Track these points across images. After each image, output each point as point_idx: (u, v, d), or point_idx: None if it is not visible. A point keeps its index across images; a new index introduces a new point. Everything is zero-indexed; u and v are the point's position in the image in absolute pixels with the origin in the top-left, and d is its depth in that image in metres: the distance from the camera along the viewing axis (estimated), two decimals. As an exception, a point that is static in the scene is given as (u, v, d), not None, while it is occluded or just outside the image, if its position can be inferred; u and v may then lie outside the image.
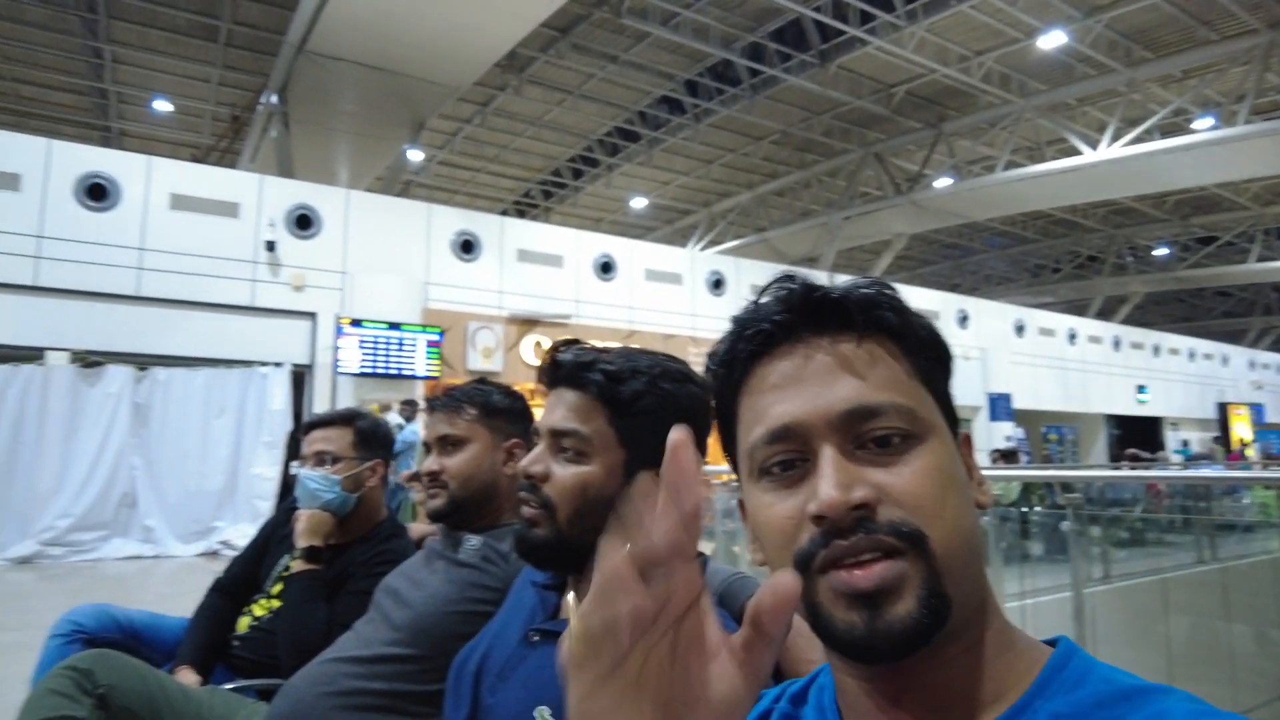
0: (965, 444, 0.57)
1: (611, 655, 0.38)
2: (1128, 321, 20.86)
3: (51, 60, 11.91)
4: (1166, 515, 6.36)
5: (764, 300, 0.58)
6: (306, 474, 1.84)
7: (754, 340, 0.56)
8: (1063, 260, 21.30)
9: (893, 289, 0.58)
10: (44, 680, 1.27)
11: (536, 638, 1.01)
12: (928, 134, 13.78)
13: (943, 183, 14.07)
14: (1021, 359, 15.91)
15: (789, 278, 0.57)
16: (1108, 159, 11.97)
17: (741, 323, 0.58)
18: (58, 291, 8.04)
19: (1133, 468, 9.59)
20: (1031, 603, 3.99)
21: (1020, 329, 16.23)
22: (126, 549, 7.86)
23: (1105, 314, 21.24)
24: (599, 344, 1.08)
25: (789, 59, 11.77)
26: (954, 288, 21.64)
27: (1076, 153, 12.37)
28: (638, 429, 0.98)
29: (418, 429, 7.07)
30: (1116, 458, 16.70)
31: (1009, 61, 11.86)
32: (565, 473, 0.99)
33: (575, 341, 1.07)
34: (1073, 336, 17.30)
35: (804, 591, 0.50)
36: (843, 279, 0.58)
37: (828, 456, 0.51)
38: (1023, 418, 15.83)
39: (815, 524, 0.50)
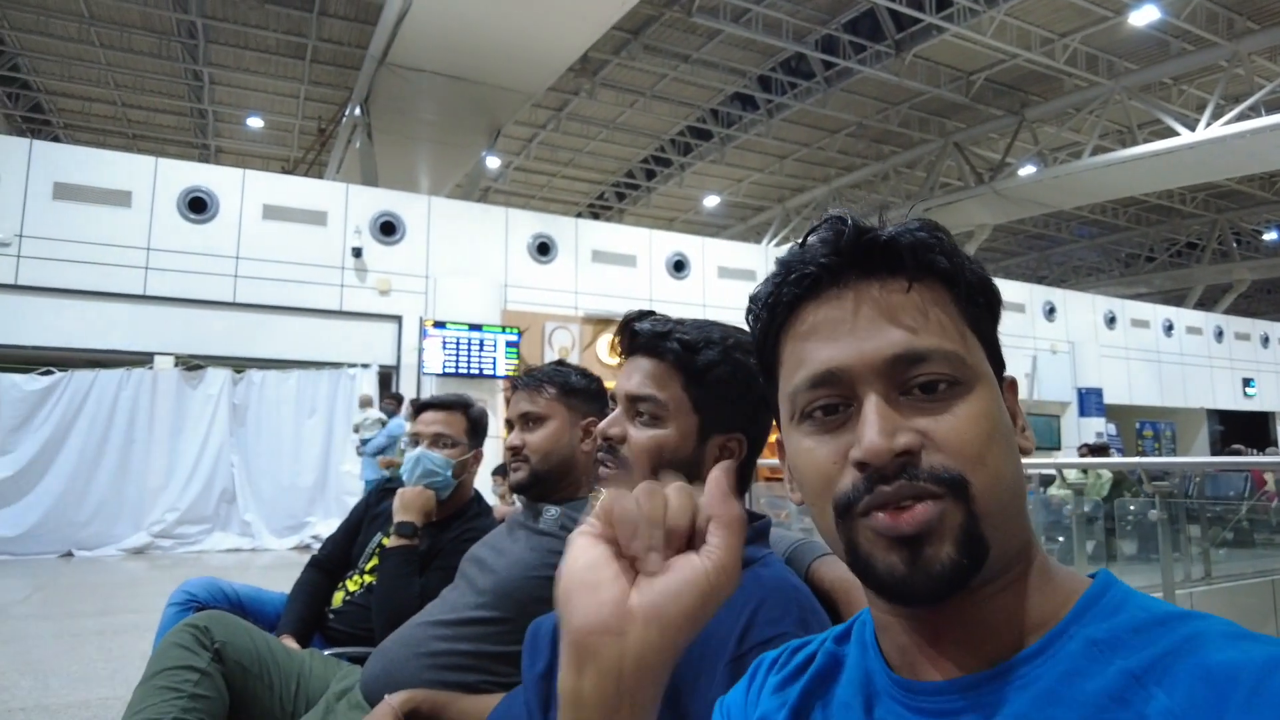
0: (1011, 389, 0.57)
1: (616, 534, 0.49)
2: (1232, 311, 19.70)
3: (157, 85, 12.68)
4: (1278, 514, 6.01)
5: (812, 240, 0.58)
6: (426, 453, 1.93)
7: (799, 284, 0.56)
8: (1158, 248, 20.23)
9: (944, 231, 0.56)
10: (169, 635, 1.39)
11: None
12: (1010, 121, 13.33)
13: (1026, 171, 13.58)
14: (1113, 352, 15.23)
15: (839, 218, 0.57)
16: (1208, 139, 11.33)
17: (787, 265, 0.58)
18: (164, 300, 8.55)
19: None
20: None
21: (1111, 321, 15.53)
22: (227, 541, 8.31)
23: (1206, 304, 20.10)
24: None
25: (863, 50, 11.58)
26: (1040, 280, 20.84)
27: (1173, 134, 11.75)
28: (711, 396, 1.02)
29: (403, 423, 7.11)
30: (1219, 454, 15.81)
31: (1097, 41, 11.37)
32: (641, 435, 1.02)
33: (650, 312, 1.10)
34: (1169, 328, 16.45)
35: (844, 533, 0.52)
36: (893, 218, 0.57)
37: (872, 402, 0.51)
38: (1114, 413, 15.14)
39: (858, 469, 0.50)
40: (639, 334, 1.06)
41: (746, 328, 0.65)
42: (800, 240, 0.59)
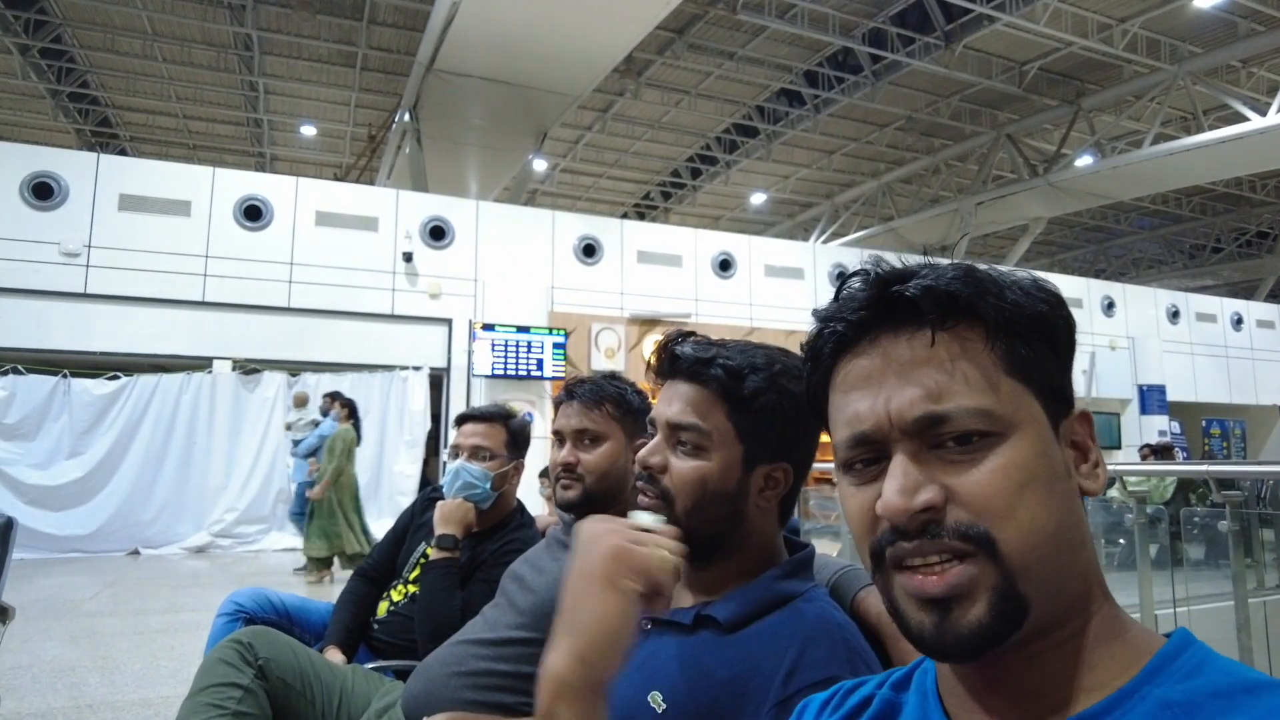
0: (1083, 422, 0.55)
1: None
2: (1307, 303, 18.86)
3: (215, 96, 13.08)
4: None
5: (847, 291, 0.57)
6: (465, 466, 1.95)
7: (831, 339, 0.57)
8: (1225, 239, 19.43)
9: (978, 275, 0.54)
10: (214, 651, 1.42)
11: (649, 626, 1.03)
12: (1065, 111, 12.94)
13: (1083, 162, 13.16)
14: (1177, 347, 14.68)
15: (870, 270, 0.57)
16: (1279, 124, 10.85)
17: (823, 319, 0.58)
18: (222, 306, 8.80)
19: (1314, 465, 8.65)
20: (1186, 610, 3.69)
21: (1174, 315, 14.98)
22: (283, 541, 8.52)
23: (1278, 296, 19.28)
24: (712, 338, 1.07)
25: (912, 42, 11.36)
26: (1098, 273, 20.24)
27: (1242, 119, 11.27)
28: (756, 424, 0.98)
29: (334, 424, 6.83)
30: (1294, 454, 15.14)
31: (1158, 25, 10.97)
32: (684, 466, 0.98)
33: (690, 333, 1.06)
34: (1238, 321, 15.79)
35: (881, 581, 0.52)
36: (943, 262, 0.56)
37: (898, 461, 0.51)
38: (1178, 410, 14.59)
39: (883, 521, 0.52)
40: (680, 358, 1.02)
41: (792, 348, 0.66)
42: (837, 290, 0.59)
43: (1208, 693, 0.45)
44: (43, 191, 8.26)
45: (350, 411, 6.96)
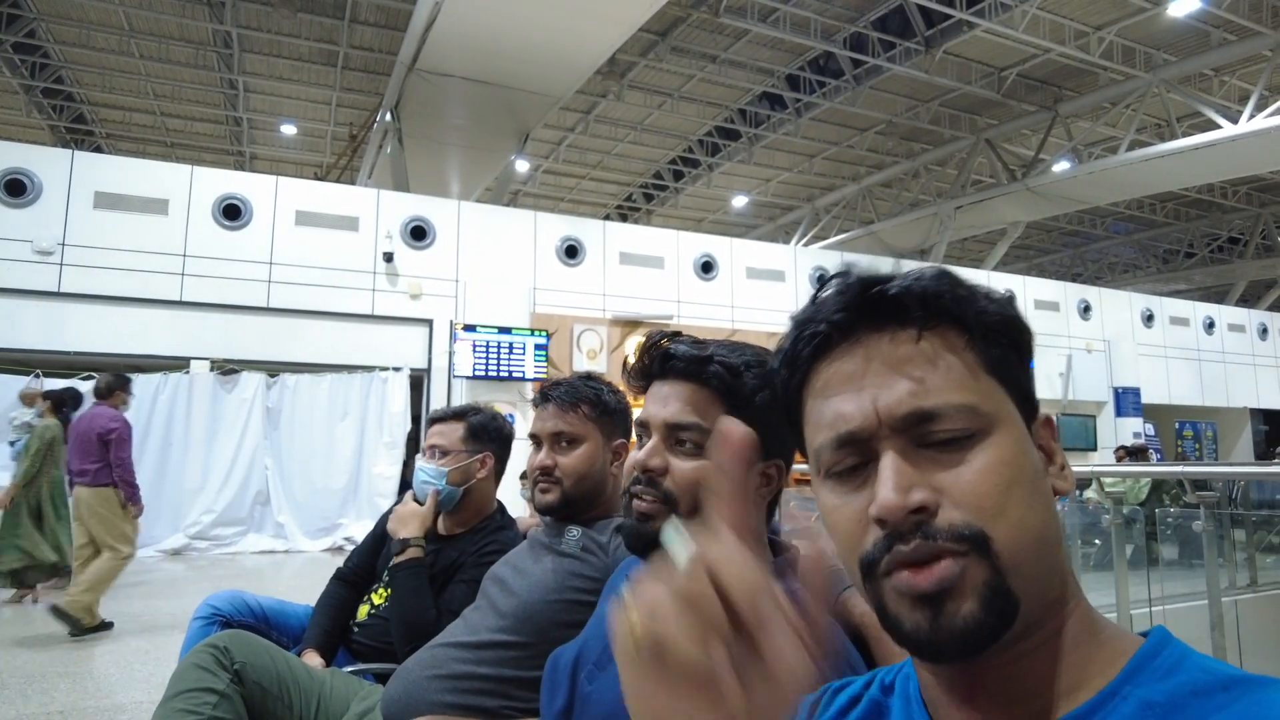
0: (1046, 426, 0.56)
1: (680, 666, 0.35)
2: (1276, 308, 19.18)
3: (194, 94, 12.94)
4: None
5: (824, 295, 0.57)
6: (420, 466, 1.94)
7: (811, 342, 0.56)
8: (1198, 244, 19.73)
9: (954, 277, 0.55)
10: (189, 655, 1.40)
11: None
12: (1043, 117, 13.09)
13: (1061, 167, 13.32)
14: (1151, 350, 14.89)
15: (847, 273, 0.56)
16: (1251, 131, 11.02)
17: (800, 323, 0.57)
18: (199, 306, 8.70)
19: (1284, 466, 8.80)
20: (1161, 609, 3.74)
21: (1149, 318, 15.19)
22: (261, 543, 8.44)
23: (1249, 300, 19.59)
24: (697, 337, 1.06)
25: (893, 47, 11.45)
26: (1075, 277, 20.45)
27: (1214, 126, 11.45)
28: (755, 423, 0.97)
29: (49, 422, 5.80)
30: (1264, 456, 15.37)
31: (1133, 34, 11.12)
32: (687, 466, 0.97)
33: (676, 333, 1.05)
34: (1210, 325, 16.03)
35: (872, 593, 0.51)
36: (910, 265, 0.56)
37: (889, 460, 0.50)
38: (1153, 413, 14.80)
39: (878, 526, 0.50)
40: (675, 356, 1.00)
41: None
42: (813, 295, 0.58)
43: (1187, 691, 0.46)
44: (15, 188, 8.13)
45: (58, 407, 5.86)
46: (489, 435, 2.03)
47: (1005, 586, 0.48)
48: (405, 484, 8.89)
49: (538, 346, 9.89)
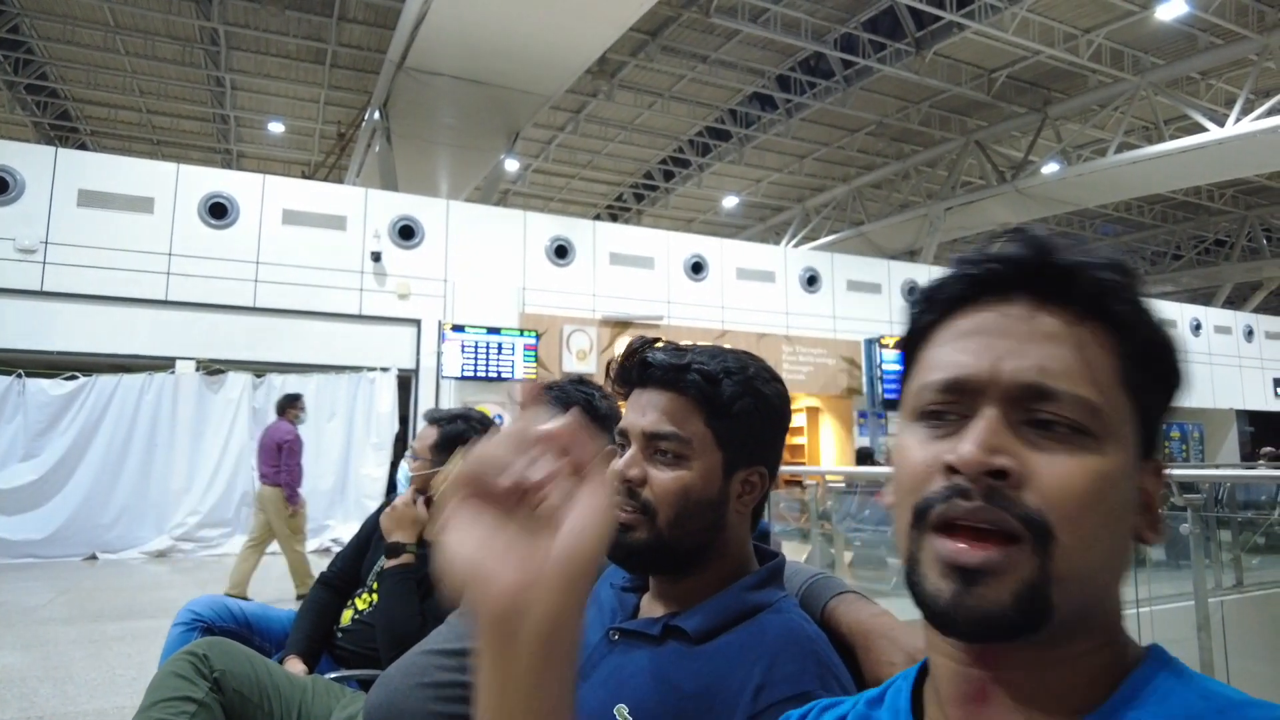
0: (1156, 475, 0.52)
1: (479, 486, 0.48)
2: (1262, 310, 19.33)
3: (180, 91, 12.84)
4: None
5: (996, 249, 0.53)
6: (403, 465, 1.92)
7: (963, 282, 0.53)
8: (1185, 246, 19.89)
9: (1136, 278, 0.52)
10: (167, 664, 1.37)
11: (616, 637, 1.01)
12: (1032, 119, 13.16)
13: (1050, 169, 13.40)
14: (1141, 352, 14.97)
15: (1031, 235, 0.53)
16: (1237, 134, 11.11)
17: (961, 261, 0.54)
18: (185, 305, 8.63)
19: (1271, 466, 8.88)
20: (1148, 610, 3.75)
21: (1139, 320, 15.27)
22: (249, 545, 8.35)
23: (1235, 302, 19.74)
24: (680, 343, 1.05)
25: (883, 48, 11.48)
26: (1065, 279, 20.54)
27: (1201, 130, 11.54)
28: (734, 430, 0.96)
29: None
30: (1250, 456, 15.49)
31: (1122, 36, 11.19)
32: (665, 476, 0.96)
33: (655, 340, 1.04)
34: (1197, 327, 16.15)
35: (913, 542, 0.49)
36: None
37: (986, 416, 0.48)
38: (1141, 414, 14.87)
39: (946, 475, 0.48)
40: (653, 364, 0.98)
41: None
42: (985, 246, 0.55)
43: (1181, 717, 0.44)
44: (-2, 186, 8.05)
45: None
46: (457, 445, 2.00)
47: (1046, 593, 0.45)
48: (392, 485, 8.86)
49: (527, 347, 9.86)
